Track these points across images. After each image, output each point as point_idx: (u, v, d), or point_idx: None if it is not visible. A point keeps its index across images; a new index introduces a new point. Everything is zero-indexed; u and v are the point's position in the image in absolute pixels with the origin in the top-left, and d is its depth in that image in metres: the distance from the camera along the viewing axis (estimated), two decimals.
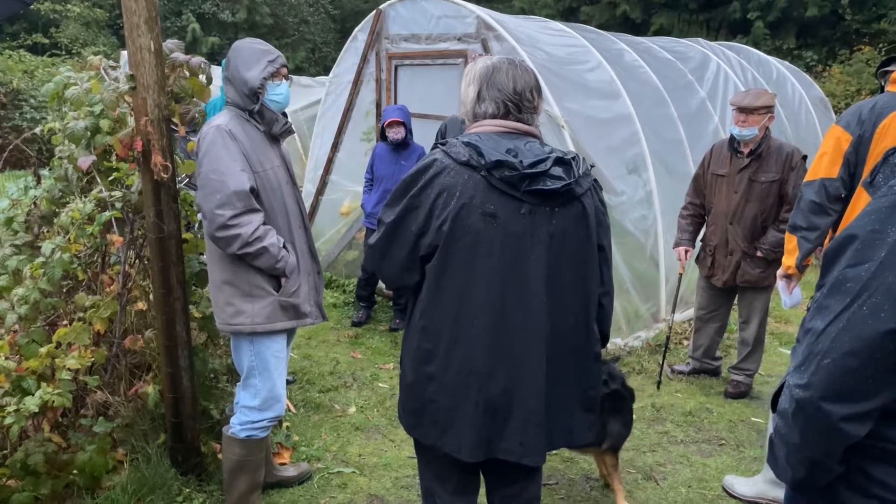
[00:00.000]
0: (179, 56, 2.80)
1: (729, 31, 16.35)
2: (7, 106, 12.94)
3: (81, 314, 3.19)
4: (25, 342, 2.97)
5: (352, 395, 4.20)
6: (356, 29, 5.81)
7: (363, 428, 3.77)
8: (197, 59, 2.82)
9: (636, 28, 16.03)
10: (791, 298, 3.20)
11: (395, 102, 5.62)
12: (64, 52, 18.21)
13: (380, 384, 4.37)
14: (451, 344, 1.87)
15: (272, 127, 2.66)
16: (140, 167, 2.76)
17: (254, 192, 2.55)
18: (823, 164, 2.94)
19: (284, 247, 2.64)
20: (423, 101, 5.39)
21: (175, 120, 2.81)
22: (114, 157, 3.26)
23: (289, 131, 2.72)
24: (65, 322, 3.24)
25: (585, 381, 1.94)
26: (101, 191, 3.07)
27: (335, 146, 6.17)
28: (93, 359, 2.92)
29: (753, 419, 3.87)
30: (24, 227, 3.50)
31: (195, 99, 2.86)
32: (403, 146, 5.11)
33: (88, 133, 3.11)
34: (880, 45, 14.33)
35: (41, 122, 13.04)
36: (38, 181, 3.93)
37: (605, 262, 1.93)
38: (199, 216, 2.75)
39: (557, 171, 1.82)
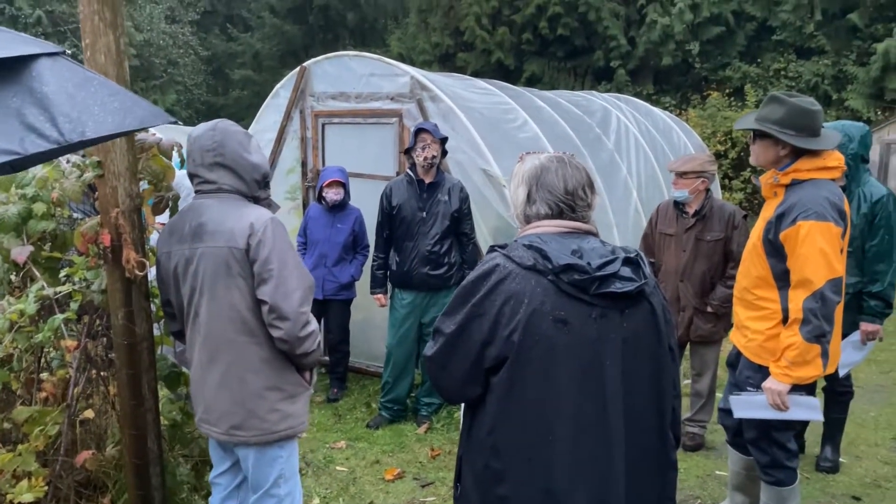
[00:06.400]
0: (148, 138, 2.51)
1: (594, 77, 17.43)
2: None
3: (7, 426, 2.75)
4: None
5: (310, 483, 3.89)
6: (277, 86, 5.56)
7: None
8: (168, 141, 2.54)
9: (509, 74, 16.61)
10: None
11: (323, 161, 5.42)
12: None
13: (337, 468, 4.09)
14: (526, 462, 1.75)
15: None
16: (107, 263, 2.42)
17: None
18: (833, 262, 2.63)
19: None
20: (354, 160, 5.22)
21: (144, 209, 2.50)
22: (48, 246, 2.89)
23: None
24: None
25: (663, 491, 1.88)
26: (42, 287, 2.67)
27: None
28: (45, 486, 2.50)
29: (718, 472, 3.97)
30: None
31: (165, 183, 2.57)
32: (340, 208, 4.93)
33: (20, 219, 2.73)
34: (726, 90, 15.92)
35: None
36: None
37: (675, 364, 1.89)
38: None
39: (626, 271, 1.77)
